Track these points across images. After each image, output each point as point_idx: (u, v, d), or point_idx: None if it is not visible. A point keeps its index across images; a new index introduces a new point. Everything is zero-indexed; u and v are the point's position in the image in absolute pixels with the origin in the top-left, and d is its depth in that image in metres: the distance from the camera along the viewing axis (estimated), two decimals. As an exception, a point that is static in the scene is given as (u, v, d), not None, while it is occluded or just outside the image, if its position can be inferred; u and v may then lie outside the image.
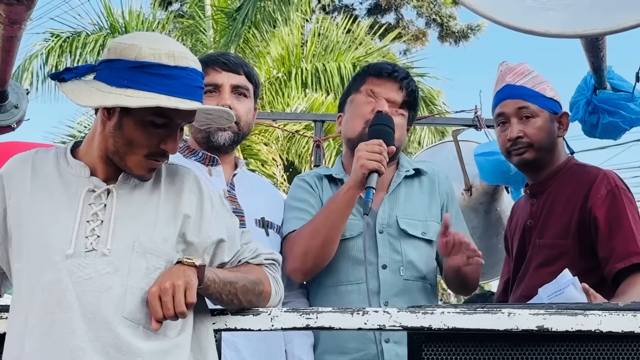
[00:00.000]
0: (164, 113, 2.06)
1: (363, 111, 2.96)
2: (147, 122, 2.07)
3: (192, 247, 2.17)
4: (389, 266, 2.89)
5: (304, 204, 2.99)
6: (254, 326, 2.25)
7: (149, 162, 2.11)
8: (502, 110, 3.13)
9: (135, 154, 2.10)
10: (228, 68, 2.98)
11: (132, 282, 2.05)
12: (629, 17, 2.03)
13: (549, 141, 3.10)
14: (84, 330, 1.99)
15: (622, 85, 3.16)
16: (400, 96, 3.00)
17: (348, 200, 2.77)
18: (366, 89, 3.00)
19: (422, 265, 2.95)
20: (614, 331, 2.16)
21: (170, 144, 2.11)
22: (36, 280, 2.04)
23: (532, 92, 3.11)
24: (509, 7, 2.18)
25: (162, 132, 2.10)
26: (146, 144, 2.09)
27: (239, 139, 3.01)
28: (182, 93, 2.05)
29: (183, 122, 2.13)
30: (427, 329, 2.21)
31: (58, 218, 2.08)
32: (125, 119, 2.08)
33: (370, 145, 2.75)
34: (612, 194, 2.95)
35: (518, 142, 3.07)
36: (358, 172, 2.72)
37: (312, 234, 2.80)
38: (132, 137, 2.09)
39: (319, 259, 2.81)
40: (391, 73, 3.01)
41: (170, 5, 19.43)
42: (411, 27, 21.66)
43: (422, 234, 2.96)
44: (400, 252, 2.92)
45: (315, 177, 3.09)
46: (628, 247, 2.85)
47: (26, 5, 2.16)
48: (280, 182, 12.87)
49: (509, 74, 3.15)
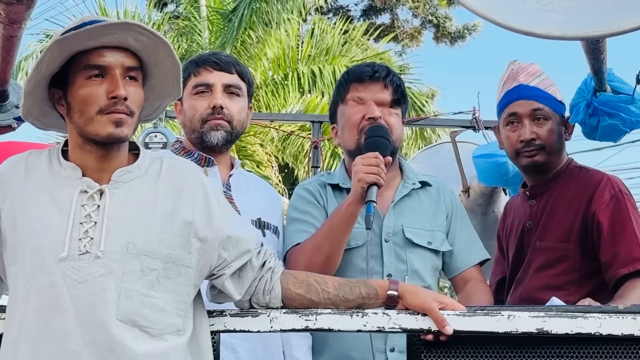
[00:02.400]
0: (92, 64, 2.06)
1: (354, 120, 2.94)
2: (83, 83, 2.07)
3: (207, 242, 2.15)
4: (393, 275, 2.87)
5: (306, 215, 2.97)
6: (253, 327, 2.25)
7: (107, 116, 2.07)
8: (515, 110, 3.12)
9: (91, 116, 2.07)
10: (219, 67, 2.97)
11: (127, 284, 2.03)
12: (630, 20, 2.03)
13: (559, 144, 3.11)
14: (78, 334, 1.98)
15: (622, 88, 3.16)
16: (388, 95, 2.97)
17: (350, 216, 2.75)
18: (352, 97, 2.98)
19: (427, 275, 2.94)
20: (613, 334, 2.16)
21: (115, 89, 2.06)
22: (31, 284, 2.03)
23: (546, 94, 3.11)
24: (510, 9, 2.18)
25: (103, 84, 2.07)
26: (93, 100, 2.06)
27: (233, 138, 2.99)
28: None
29: (115, 63, 2.08)
30: (426, 331, 2.21)
31: (51, 221, 2.05)
32: (69, 96, 2.09)
33: (367, 158, 2.73)
34: (616, 198, 2.95)
35: (531, 144, 3.06)
36: (357, 186, 2.70)
37: (314, 250, 2.78)
38: (80, 105, 2.07)
39: (322, 273, 2.79)
40: (372, 75, 2.98)
41: (165, 6, 19.41)
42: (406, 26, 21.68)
43: (427, 243, 2.95)
44: (406, 261, 2.91)
45: (318, 185, 3.07)
46: (632, 253, 2.86)
47: (26, 4, 2.15)
48: (275, 183, 12.87)
49: (522, 74, 3.14)
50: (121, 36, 2.08)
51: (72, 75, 2.09)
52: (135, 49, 2.12)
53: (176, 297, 2.10)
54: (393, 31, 20.66)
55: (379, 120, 2.91)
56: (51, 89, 2.14)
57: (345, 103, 3.00)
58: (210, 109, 2.92)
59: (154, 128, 4.52)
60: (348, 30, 16.02)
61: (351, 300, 2.27)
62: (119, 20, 2.09)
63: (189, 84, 2.98)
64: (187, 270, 2.12)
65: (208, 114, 2.92)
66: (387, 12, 21.95)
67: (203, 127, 2.93)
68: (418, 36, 21.83)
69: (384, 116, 2.93)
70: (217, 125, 2.92)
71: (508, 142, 3.15)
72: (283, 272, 2.31)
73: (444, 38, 21.59)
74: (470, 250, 3.04)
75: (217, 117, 2.92)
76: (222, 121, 2.92)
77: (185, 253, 2.12)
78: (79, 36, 2.03)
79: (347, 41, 15.62)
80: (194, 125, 2.95)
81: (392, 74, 3.03)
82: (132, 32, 2.07)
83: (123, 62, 2.09)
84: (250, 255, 2.25)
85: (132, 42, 2.10)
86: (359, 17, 21.46)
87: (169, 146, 3.58)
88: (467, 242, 3.05)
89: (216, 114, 2.92)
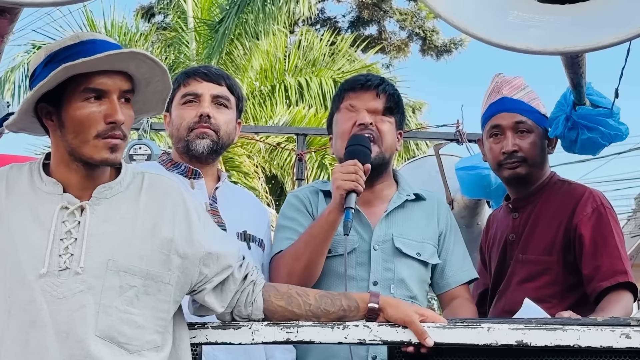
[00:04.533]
0: (91, 87, 2.06)
1: (345, 128, 2.96)
2: (80, 105, 2.06)
3: (187, 259, 2.16)
4: (380, 283, 2.88)
5: (292, 222, 2.98)
6: (235, 340, 2.25)
7: (104, 141, 2.07)
8: (498, 122, 3.14)
9: (87, 139, 2.07)
10: (209, 78, 2.99)
11: (106, 300, 2.03)
12: (608, 35, 2.05)
13: (541, 157, 3.13)
14: (57, 350, 1.98)
15: (601, 102, 3.18)
16: (380, 103, 2.99)
17: (330, 224, 2.76)
18: (345, 105, 3.00)
19: (414, 285, 2.93)
20: (592, 346, 2.17)
21: (113, 114, 2.07)
22: (12, 299, 2.02)
23: (529, 107, 3.14)
24: (490, 24, 2.19)
25: (101, 107, 2.07)
26: (91, 124, 2.06)
27: (219, 149, 2.99)
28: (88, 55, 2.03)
29: (114, 87, 2.09)
30: (407, 343, 2.22)
31: (32, 237, 2.05)
32: (63, 115, 2.08)
33: (345, 166, 2.75)
34: (598, 212, 2.98)
35: (513, 155, 3.09)
36: (335, 194, 2.72)
37: (294, 257, 2.79)
38: (76, 126, 2.07)
39: (303, 280, 2.78)
40: (365, 83, 3.01)
41: (153, 17, 19.43)
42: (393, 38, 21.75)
43: (417, 254, 2.95)
44: (393, 270, 2.91)
45: (308, 192, 3.08)
46: (614, 266, 2.88)
47: (9, 18, 2.15)
48: (262, 194, 12.87)
49: (505, 87, 3.16)
50: (124, 63, 2.09)
51: (68, 94, 2.08)
52: (132, 73, 2.14)
53: (155, 314, 2.11)
54: (380, 43, 20.73)
55: (370, 127, 2.92)
56: (39, 103, 2.13)
57: (339, 112, 3.03)
58: (197, 117, 2.93)
59: (138, 140, 4.51)
60: (335, 41, 16.06)
61: (332, 313, 2.29)
62: (128, 50, 2.09)
63: (178, 93, 2.99)
64: (167, 287, 2.13)
65: (195, 123, 2.93)
66: (374, 24, 22.03)
67: (189, 135, 2.93)
68: (405, 48, 21.91)
69: (376, 123, 2.94)
70: (203, 134, 2.92)
71: (491, 154, 3.17)
72: (265, 285, 2.32)
73: (430, 51, 21.66)
74: (461, 267, 3.04)
75: (204, 125, 2.92)
76: (208, 130, 2.93)
77: (165, 270, 2.12)
78: (88, 64, 2.03)
79: (334, 53, 15.66)
80: (181, 133, 2.96)
81: (386, 83, 3.05)
82: (136, 60, 2.09)
83: (121, 86, 2.10)
84: (232, 270, 2.26)
85: (132, 68, 2.11)
86: (346, 29, 21.52)
87: (153, 158, 3.58)
88: (458, 259, 3.05)
89: (203, 122, 2.92)
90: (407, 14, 21.58)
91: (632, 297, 2.88)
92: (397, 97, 3.06)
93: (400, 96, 3.11)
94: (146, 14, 19.41)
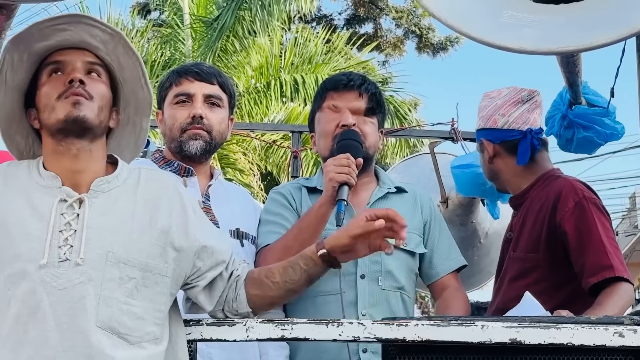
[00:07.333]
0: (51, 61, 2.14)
1: (329, 128, 2.99)
2: (44, 81, 2.15)
3: (183, 252, 2.17)
4: (367, 276, 2.90)
5: (278, 217, 2.99)
6: (229, 337, 2.25)
7: (65, 100, 2.12)
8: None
9: (52, 106, 2.12)
10: (201, 78, 2.99)
11: (106, 291, 2.03)
12: (601, 35, 2.06)
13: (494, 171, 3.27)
14: (57, 341, 1.98)
15: (597, 101, 3.20)
16: (363, 103, 3.01)
17: (320, 217, 2.78)
18: (328, 105, 3.03)
19: (401, 276, 2.96)
20: (586, 344, 2.17)
21: (71, 74, 2.13)
22: (12, 291, 2.02)
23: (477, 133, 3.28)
24: (484, 24, 2.20)
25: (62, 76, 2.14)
26: (53, 91, 2.13)
27: (212, 149, 3.00)
28: None
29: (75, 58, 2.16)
30: (401, 340, 2.22)
31: (31, 229, 2.06)
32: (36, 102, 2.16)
33: (338, 159, 2.77)
34: (580, 205, 2.95)
35: None
36: (328, 186, 2.74)
37: (283, 250, 2.78)
38: (43, 100, 2.14)
39: None
40: (347, 83, 3.02)
41: (149, 13, 19.42)
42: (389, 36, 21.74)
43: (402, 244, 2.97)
44: (380, 262, 2.93)
45: (292, 188, 3.10)
46: (599, 261, 2.85)
47: (5, 14, 2.16)
48: (257, 191, 12.86)
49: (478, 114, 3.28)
50: (75, 32, 2.14)
51: (38, 84, 2.17)
52: (93, 48, 2.18)
53: (153, 306, 2.11)
54: (376, 40, 20.74)
55: (353, 127, 2.94)
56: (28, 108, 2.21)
57: (322, 111, 3.05)
58: (190, 118, 2.93)
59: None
60: (331, 39, 16.06)
61: (298, 279, 2.28)
62: (68, 13, 2.15)
63: (170, 93, 3.00)
64: (164, 279, 2.14)
65: (187, 124, 2.94)
66: (370, 21, 22.04)
67: (182, 136, 2.94)
68: (401, 46, 21.91)
69: (359, 124, 2.97)
70: (196, 135, 2.93)
71: None
72: (246, 277, 2.32)
73: (426, 49, 21.67)
74: (449, 256, 3.08)
75: (197, 126, 2.93)
76: (201, 131, 2.94)
77: (162, 262, 2.13)
78: (32, 32, 2.08)
79: (330, 50, 15.66)
80: (174, 134, 2.96)
81: (368, 82, 3.07)
82: (83, 25, 2.14)
83: (83, 58, 2.17)
84: (225, 266, 2.28)
85: (87, 38, 2.16)
86: (342, 26, 21.53)
87: (148, 155, 3.58)
88: (445, 248, 3.09)
89: (195, 123, 2.93)
90: (403, 11, 21.60)
91: (628, 285, 2.83)
92: (379, 96, 3.08)
93: (382, 94, 3.14)
94: (142, 10, 19.40)
